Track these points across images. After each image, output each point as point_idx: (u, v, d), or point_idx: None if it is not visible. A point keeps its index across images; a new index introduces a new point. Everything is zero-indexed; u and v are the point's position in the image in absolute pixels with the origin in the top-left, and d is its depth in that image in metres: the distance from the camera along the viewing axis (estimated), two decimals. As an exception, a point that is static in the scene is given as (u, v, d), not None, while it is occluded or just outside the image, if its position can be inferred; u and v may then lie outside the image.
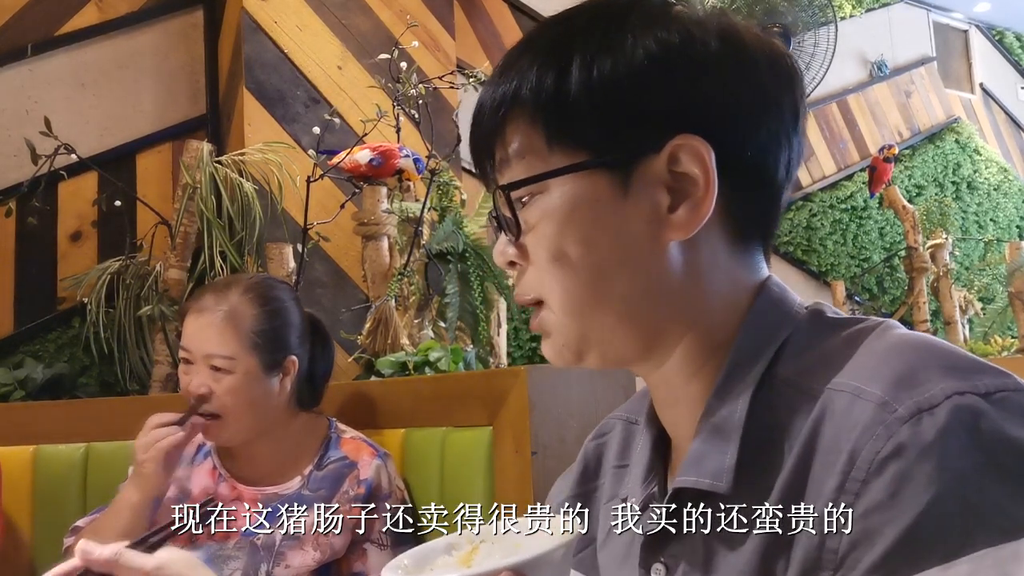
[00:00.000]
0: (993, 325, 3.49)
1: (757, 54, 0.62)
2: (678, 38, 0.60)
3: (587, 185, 0.61)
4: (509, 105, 0.62)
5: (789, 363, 0.60)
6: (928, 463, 0.48)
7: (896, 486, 0.49)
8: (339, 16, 2.67)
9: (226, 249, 2.28)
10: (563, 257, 0.61)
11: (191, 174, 2.29)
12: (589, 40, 0.61)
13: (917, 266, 3.40)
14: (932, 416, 0.49)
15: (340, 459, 1.53)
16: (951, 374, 0.51)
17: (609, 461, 0.78)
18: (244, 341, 1.46)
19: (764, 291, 0.64)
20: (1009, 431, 0.49)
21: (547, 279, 0.63)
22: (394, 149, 2.22)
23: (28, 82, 2.56)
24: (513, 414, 1.47)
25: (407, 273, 2.14)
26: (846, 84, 4.67)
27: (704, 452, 0.60)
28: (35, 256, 2.50)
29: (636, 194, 0.60)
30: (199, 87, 2.82)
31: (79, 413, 1.91)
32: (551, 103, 0.61)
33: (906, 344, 0.56)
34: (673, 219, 0.60)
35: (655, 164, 0.60)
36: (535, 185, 0.62)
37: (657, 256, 0.61)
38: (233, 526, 1.48)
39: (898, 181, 4.50)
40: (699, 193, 0.59)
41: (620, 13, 0.62)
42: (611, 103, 0.60)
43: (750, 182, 0.62)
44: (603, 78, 0.59)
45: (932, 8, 5.17)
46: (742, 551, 0.56)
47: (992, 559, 0.46)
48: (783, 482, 0.55)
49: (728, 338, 0.62)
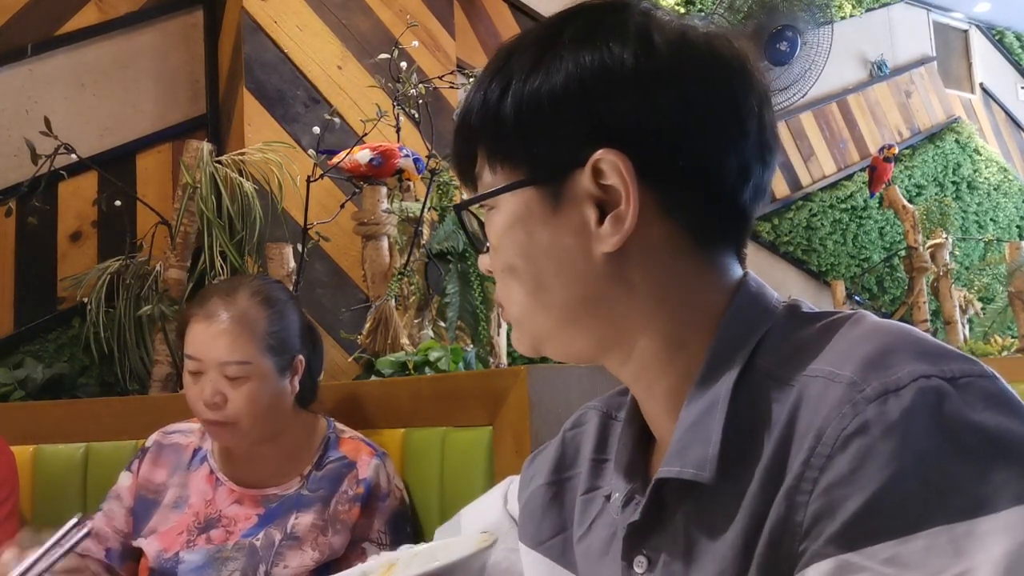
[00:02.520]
0: (993, 325, 3.49)
1: (690, 64, 0.63)
2: (597, 57, 0.62)
3: (522, 202, 0.65)
4: (466, 127, 0.68)
5: (768, 355, 0.61)
6: (891, 441, 0.50)
7: (859, 462, 0.50)
8: (339, 16, 2.67)
9: (226, 249, 2.28)
10: (510, 268, 0.67)
11: (191, 174, 2.29)
12: (524, 61, 0.64)
13: (917, 266, 3.40)
14: (898, 396, 0.51)
15: (339, 459, 1.53)
16: (920, 358, 0.53)
17: (586, 452, 0.79)
18: (259, 344, 1.44)
19: (741, 289, 0.65)
20: (971, 414, 0.50)
21: (502, 287, 0.69)
22: (394, 149, 2.22)
23: (28, 82, 2.56)
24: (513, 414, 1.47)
25: (407, 273, 2.14)
26: (846, 84, 4.67)
27: (687, 443, 0.60)
28: (35, 256, 2.50)
29: (565, 209, 0.64)
30: (199, 87, 2.82)
31: (79, 413, 1.91)
32: (490, 126, 0.66)
33: (878, 330, 0.57)
34: (600, 232, 0.63)
35: (581, 179, 0.63)
36: (491, 200, 0.67)
37: (591, 266, 0.64)
38: (233, 528, 1.48)
39: (898, 181, 4.50)
40: (621, 204, 0.62)
41: (555, 33, 0.65)
42: (535, 123, 0.63)
43: (689, 187, 0.63)
44: (528, 100, 0.63)
45: (932, 8, 5.17)
46: (723, 539, 0.57)
47: (947, 536, 0.47)
48: (763, 469, 0.56)
49: (700, 335, 0.64)
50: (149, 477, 1.55)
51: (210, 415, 1.44)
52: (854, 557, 0.49)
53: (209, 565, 1.45)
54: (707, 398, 0.61)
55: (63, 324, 2.47)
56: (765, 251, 4.17)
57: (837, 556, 0.49)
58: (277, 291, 1.54)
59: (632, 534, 0.65)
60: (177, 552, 1.47)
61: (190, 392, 1.46)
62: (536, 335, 0.69)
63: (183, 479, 1.53)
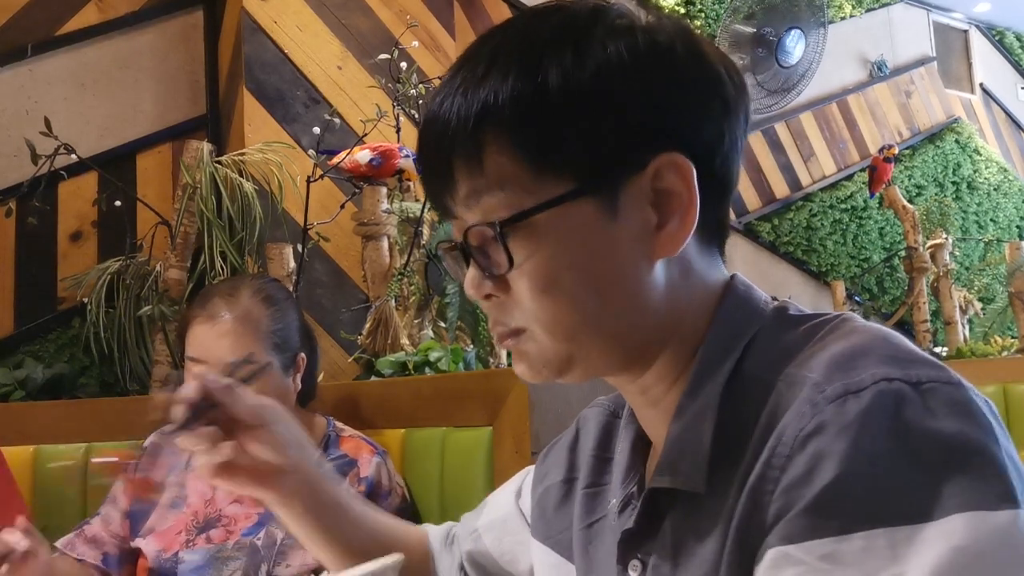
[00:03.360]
0: (993, 325, 3.48)
1: (718, 63, 0.63)
2: (649, 48, 0.59)
3: (576, 213, 0.59)
4: (481, 124, 0.58)
5: (755, 358, 0.61)
6: (843, 441, 0.50)
7: (814, 461, 0.50)
8: (339, 16, 2.67)
9: (226, 249, 2.28)
10: (554, 287, 0.60)
11: (191, 174, 2.29)
12: (561, 52, 0.58)
13: (917, 266, 3.40)
14: (857, 398, 0.51)
15: (340, 457, 1.53)
16: (886, 362, 0.53)
17: (587, 447, 0.79)
18: (265, 342, 1.44)
19: (730, 291, 0.65)
20: (929, 420, 0.50)
21: (535, 309, 0.61)
22: (394, 149, 2.22)
23: (28, 82, 2.56)
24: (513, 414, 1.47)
25: (407, 273, 2.15)
26: (846, 84, 4.67)
27: (678, 453, 0.61)
28: (35, 256, 2.50)
29: (625, 215, 0.60)
30: (199, 87, 2.82)
31: (79, 413, 1.91)
32: (532, 125, 0.58)
33: (854, 333, 0.57)
34: (661, 236, 0.60)
35: (640, 183, 0.59)
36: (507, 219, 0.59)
37: (649, 273, 0.61)
38: (233, 528, 1.48)
39: (898, 181, 4.50)
40: (683, 208, 0.60)
41: (585, 23, 0.60)
42: (596, 122, 0.58)
43: (718, 191, 0.63)
44: (584, 95, 0.58)
45: (932, 8, 5.17)
46: (708, 542, 0.58)
47: (886, 539, 0.47)
48: (743, 472, 0.56)
49: (700, 341, 0.63)
50: (147, 477, 1.54)
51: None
52: (792, 550, 0.49)
53: (209, 565, 1.45)
54: (697, 405, 0.61)
55: (63, 324, 2.47)
56: (765, 251, 4.16)
57: (778, 547, 0.50)
58: (277, 290, 1.55)
59: (627, 539, 0.65)
60: (176, 552, 1.46)
61: None
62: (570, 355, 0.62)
63: (182, 479, 1.53)
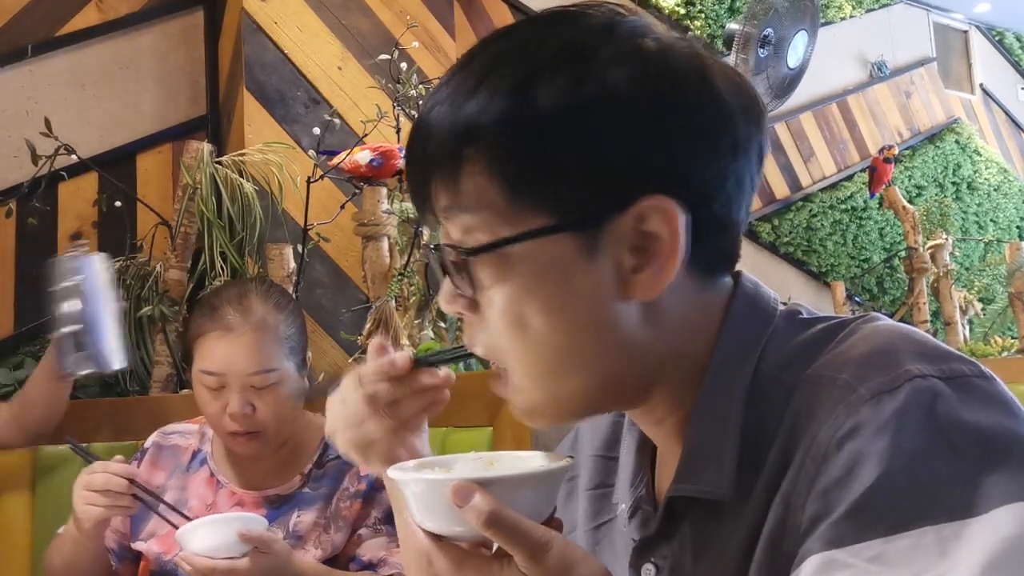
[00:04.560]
0: (993, 326, 3.49)
1: (731, 98, 0.58)
2: (655, 80, 0.56)
3: (553, 248, 0.56)
4: (463, 143, 0.56)
5: (771, 360, 0.60)
6: (882, 441, 0.49)
7: (852, 463, 0.50)
8: (339, 17, 2.67)
9: (226, 250, 2.28)
10: (524, 322, 0.58)
11: (191, 175, 2.29)
12: (557, 75, 0.55)
13: (917, 267, 3.40)
14: (892, 397, 0.51)
15: (338, 456, 1.53)
16: (917, 359, 0.52)
17: (590, 447, 0.78)
18: (282, 349, 1.44)
19: (738, 297, 0.63)
20: (965, 414, 0.50)
21: (506, 343, 0.59)
22: (394, 149, 2.22)
23: (28, 83, 2.56)
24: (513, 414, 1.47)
25: (407, 273, 2.15)
26: (846, 85, 4.67)
27: (700, 459, 0.59)
28: (35, 257, 2.49)
29: (602, 256, 0.56)
30: (199, 88, 2.82)
31: (79, 413, 1.91)
32: (514, 153, 0.55)
33: (878, 333, 0.57)
34: (637, 281, 0.57)
35: (622, 224, 0.56)
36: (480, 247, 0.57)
37: (623, 315, 0.58)
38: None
39: (898, 182, 4.49)
40: (664, 253, 0.56)
41: (593, 42, 0.56)
42: (582, 158, 0.55)
43: (716, 230, 0.59)
44: (572, 127, 0.55)
45: (932, 9, 5.17)
46: (729, 546, 0.57)
47: (933, 536, 0.47)
48: (767, 475, 0.56)
49: (704, 353, 0.61)
50: (147, 478, 1.54)
51: (237, 427, 1.42)
52: (840, 554, 0.48)
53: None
54: (717, 411, 0.59)
55: (63, 325, 2.47)
56: (765, 252, 4.16)
57: (823, 552, 0.49)
58: (281, 293, 1.55)
59: (641, 545, 0.65)
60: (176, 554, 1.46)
61: (211, 408, 1.43)
62: (551, 396, 0.60)
63: (182, 482, 1.53)
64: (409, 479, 0.58)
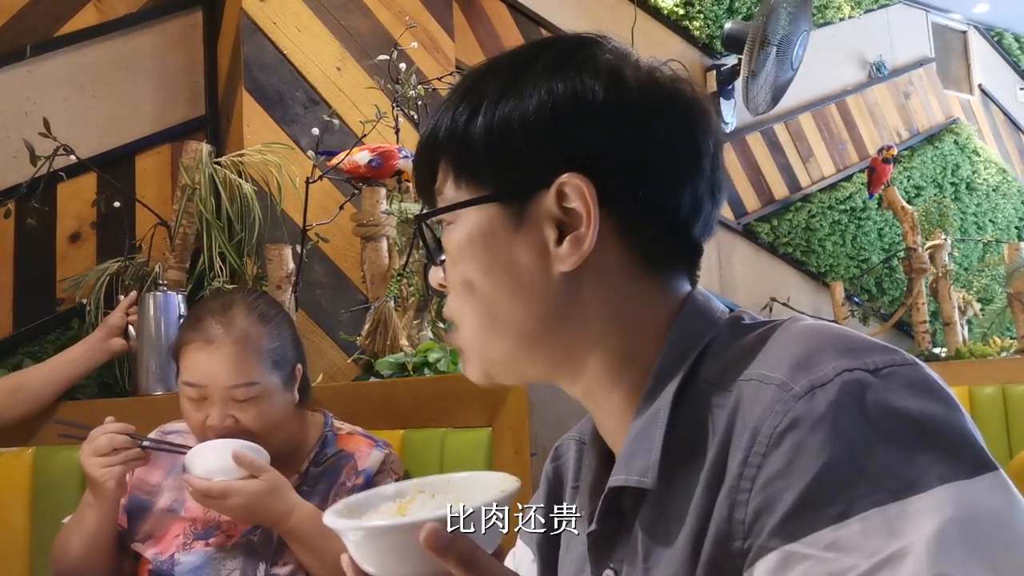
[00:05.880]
0: (992, 326, 3.49)
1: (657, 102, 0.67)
2: (570, 86, 0.65)
3: (485, 218, 0.67)
4: (432, 143, 0.70)
5: (710, 364, 0.64)
6: (820, 433, 0.53)
7: (792, 455, 0.53)
8: (338, 17, 2.67)
9: (225, 250, 2.28)
10: (467, 284, 0.69)
11: (190, 175, 2.29)
12: (496, 85, 0.67)
13: (916, 267, 3.40)
14: (824, 391, 0.54)
15: (336, 453, 1.53)
16: (843, 354, 0.56)
17: (568, 482, 0.82)
18: (264, 363, 1.43)
19: (687, 304, 0.69)
20: (894, 401, 0.53)
21: (457, 303, 0.70)
22: (393, 150, 2.22)
23: (27, 83, 2.55)
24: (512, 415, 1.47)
25: (406, 274, 2.15)
26: (845, 85, 4.68)
27: (632, 452, 0.64)
28: (34, 257, 2.50)
29: (527, 228, 0.66)
30: (198, 88, 2.81)
31: (79, 413, 1.91)
32: (458, 143, 0.68)
33: (805, 332, 0.61)
34: (559, 252, 0.65)
35: (545, 200, 0.65)
36: (450, 215, 0.69)
37: (548, 285, 0.66)
38: (233, 532, 1.48)
39: (897, 182, 4.50)
40: (582, 227, 0.65)
41: (528, 60, 0.68)
42: (504, 144, 0.66)
43: (646, 216, 0.67)
44: (499, 121, 0.66)
45: (931, 9, 5.18)
46: (675, 544, 0.60)
47: (880, 518, 0.50)
48: (707, 472, 0.59)
49: (647, 351, 0.67)
50: (144, 477, 1.55)
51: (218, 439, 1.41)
52: (796, 547, 0.51)
53: (207, 565, 1.45)
54: (652, 409, 0.64)
55: (62, 325, 2.47)
56: (764, 252, 4.16)
57: (780, 548, 0.52)
58: (269, 306, 1.53)
59: (595, 546, 0.68)
60: (173, 554, 1.47)
61: (193, 419, 1.43)
62: (486, 356, 0.70)
63: (179, 482, 1.52)
64: (347, 527, 0.63)
